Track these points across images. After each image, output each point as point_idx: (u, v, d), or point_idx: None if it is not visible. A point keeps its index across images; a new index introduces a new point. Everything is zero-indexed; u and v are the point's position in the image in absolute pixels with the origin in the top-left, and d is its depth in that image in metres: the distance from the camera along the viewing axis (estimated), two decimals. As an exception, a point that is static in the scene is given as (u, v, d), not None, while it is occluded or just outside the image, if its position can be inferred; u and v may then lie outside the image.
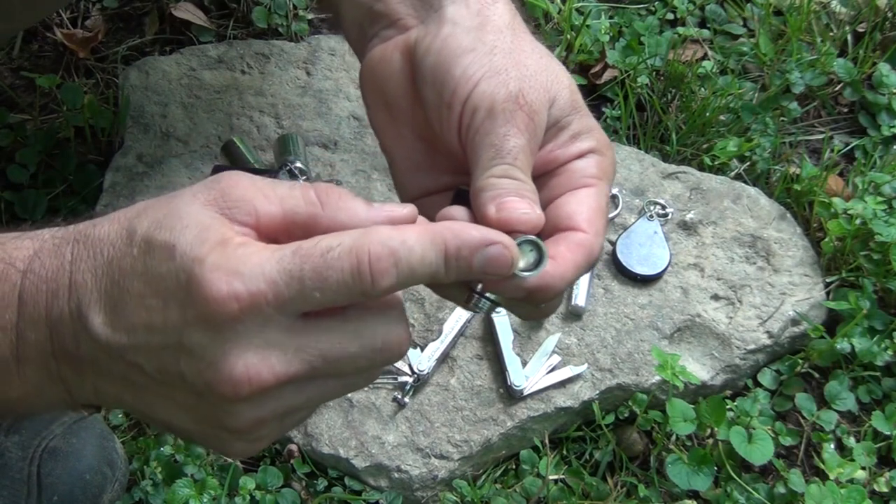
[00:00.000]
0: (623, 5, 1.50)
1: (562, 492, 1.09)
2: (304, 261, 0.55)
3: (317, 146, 1.27)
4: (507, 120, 0.65)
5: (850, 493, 1.07)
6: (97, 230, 0.59)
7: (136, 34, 1.41)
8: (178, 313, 0.56)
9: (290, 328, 0.56)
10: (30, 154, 1.26)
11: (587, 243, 0.65)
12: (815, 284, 1.22)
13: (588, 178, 0.68)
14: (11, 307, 0.60)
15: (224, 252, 0.55)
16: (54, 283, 0.59)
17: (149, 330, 0.57)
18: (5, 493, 0.95)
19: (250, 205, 0.58)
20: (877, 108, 1.42)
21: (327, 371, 0.57)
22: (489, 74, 0.66)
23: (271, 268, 0.55)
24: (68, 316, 0.59)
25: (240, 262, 0.55)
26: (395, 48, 0.72)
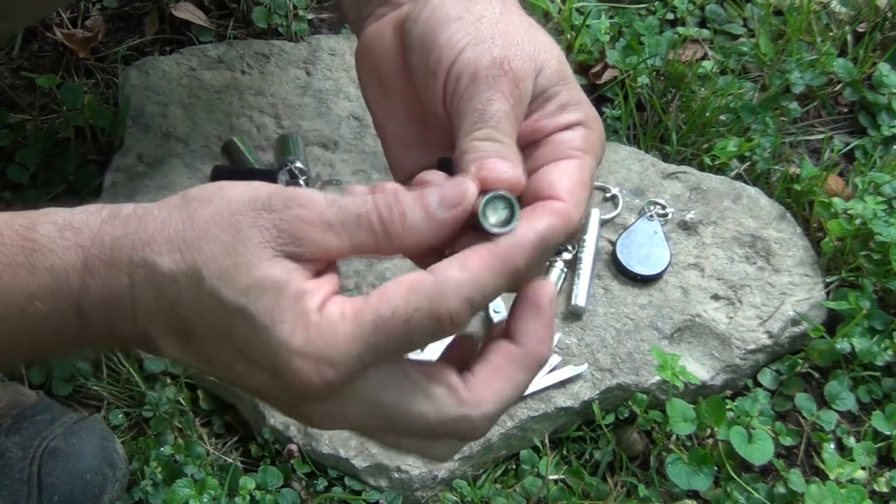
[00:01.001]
0: (623, 5, 1.50)
1: (562, 492, 1.09)
2: (388, 334, 0.55)
3: (317, 146, 1.27)
4: (491, 85, 0.64)
5: (850, 493, 1.07)
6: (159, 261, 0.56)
7: (136, 34, 1.41)
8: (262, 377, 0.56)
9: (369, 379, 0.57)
10: (30, 154, 1.26)
11: (565, 211, 0.63)
12: (815, 284, 1.22)
13: (573, 150, 0.66)
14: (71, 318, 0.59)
15: (308, 331, 0.55)
16: (115, 307, 0.58)
17: (229, 370, 0.57)
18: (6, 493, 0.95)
19: (320, 246, 0.57)
20: (877, 108, 1.42)
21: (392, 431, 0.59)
22: (474, 42, 0.65)
23: (357, 347, 0.55)
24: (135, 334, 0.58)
25: (326, 345, 0.55)
26: (388, 24, 0.72)
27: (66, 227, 0.59)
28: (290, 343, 0.55)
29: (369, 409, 0.57)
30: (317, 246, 0.57)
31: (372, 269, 1.17)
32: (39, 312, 0.58)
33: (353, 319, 0.56)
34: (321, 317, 0.56)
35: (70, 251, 0.58)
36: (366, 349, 0.55)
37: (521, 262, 0.58)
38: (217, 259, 0.56)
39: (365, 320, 0.56)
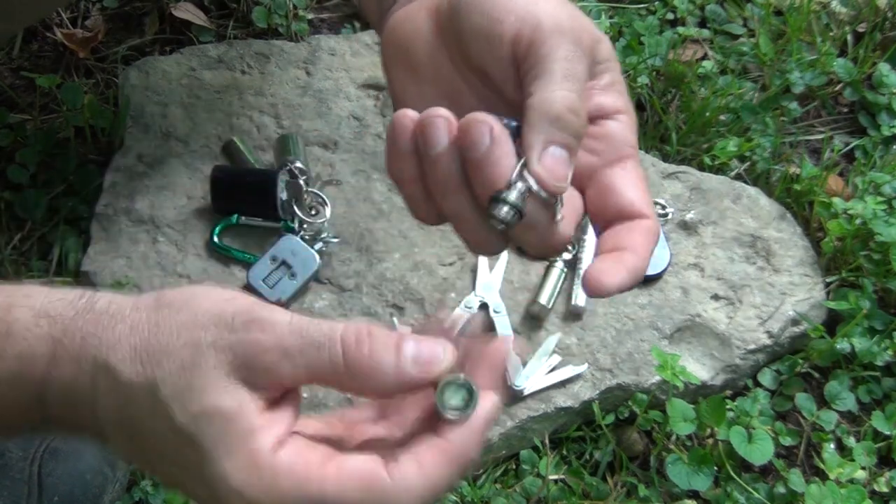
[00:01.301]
0: (623, 5, 1.50)
1: (562, 492, 1.09)
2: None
3: (317, 146, 1.27)
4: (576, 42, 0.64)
5: (850, 493, 1.08)
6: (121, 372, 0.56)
7: (136, 34, 1.41)
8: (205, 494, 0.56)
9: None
10: (30, 154, 1.25)
11: (655, 229, 0.67)
12: (815, 284, 1.22)
13: (628, 146, 0.68)
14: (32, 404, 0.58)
15: (249, 473, 0.54)
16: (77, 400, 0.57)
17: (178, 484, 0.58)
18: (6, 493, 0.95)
19: (275, 375, 0.56)
20: (877, 108, 1.42)
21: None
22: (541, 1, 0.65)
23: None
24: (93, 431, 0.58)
25: (264, 494, 0.54)
26: (420, 8, 0.72)
27: (41, 315, 0.58)
28: (230, 481, 0.54)
29: None
30: (269, 374, 0.55)
31: (372, 269, 1.17)
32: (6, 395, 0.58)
33: (297, 483, 0.54)
34: (270, 460, 0.54)
35: (41, 340, 0.58)
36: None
37: (474, 453, 0.57)
38: (173, 377, 0.55)
39: (309, 492, 0.54)
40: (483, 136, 0.62)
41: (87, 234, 1.20)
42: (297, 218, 1.17)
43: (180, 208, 1.20)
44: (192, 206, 1.21)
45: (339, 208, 1.21)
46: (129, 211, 1.20)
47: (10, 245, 1.21)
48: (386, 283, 1.16)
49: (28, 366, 0.57)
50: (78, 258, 1.19)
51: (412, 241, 1.19)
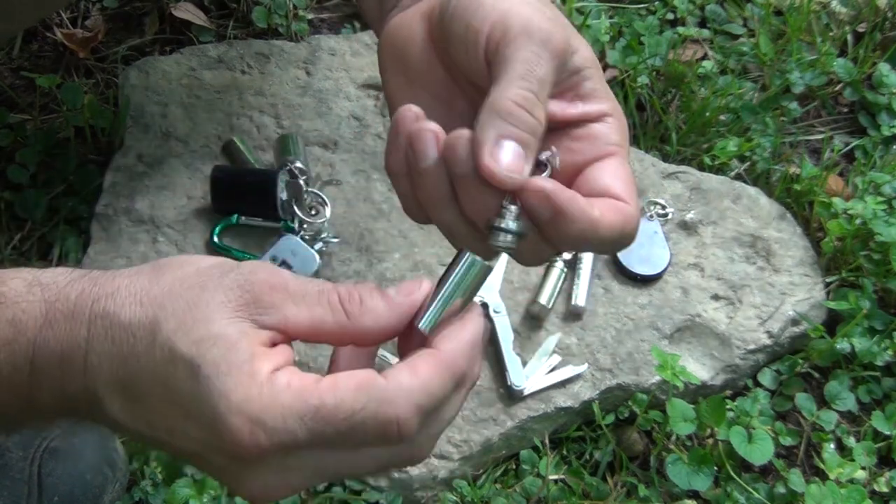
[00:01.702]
0: (623, 5, 1.50)
1: (562, 492, 1.09)
2: (326, 423, 0.55)
3: (317, 146, 1.27)
4: (542, 44, 0.65)
5: (850, 493, 1.08)
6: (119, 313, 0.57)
7: (136, 34, 1.41)
8: (200, 433, 0.56)
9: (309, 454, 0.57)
10: (30, 154, 1.25)
11: (628, 212, 0.65)
12: (815, 284, 1.22)
13: (611, 145, 0.68)
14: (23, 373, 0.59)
15: (249, 391, 0.55)
16: (68, 360, 0.58)
17: (169, 433, 0.57)
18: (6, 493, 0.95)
19: (280, 313, 0.58)
20: (877, 108, 1.42)
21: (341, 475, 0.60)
22: (521, 4, 0.66)
23: (294, 423, 0.55)
24: (83, 393, 0.58)
25: (263, 409, 0.54)
26: (416, 13, 0.73)
27: (34, 284, 0.60)
28: (230, 397, 0.54)
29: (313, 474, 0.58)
30: (277, 311, 0.57)
31: (372, 269, 1.17)
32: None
33: (296, 394, 0.55)
34: (267, 381, 0.55)
35: (34, 304, 0.59)
36: (300, 429, 0.55)
37: (464, 364, 0.58)
38: (177, 314, 0.56)
39: (308, 401, 0.55)
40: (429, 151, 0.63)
41: (87, 234, 1.20)
42: (297, 218, 1.17)
43: (180, 208, 1.20)
44: (192, 206, 1.21)
45: (339, 208, 1.21)
46: (129, 211, 1.20)
47: (10, 245, 1.21)
48: (386, 283, 1.16)
49: (21, 330, 0.58)
50: (78, 258, 1.19)
51: (412, 241, 1.19)
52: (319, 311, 0.58)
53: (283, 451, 0.55)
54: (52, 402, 0.60)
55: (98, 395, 0.58)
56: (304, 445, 0.55)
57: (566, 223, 0.62)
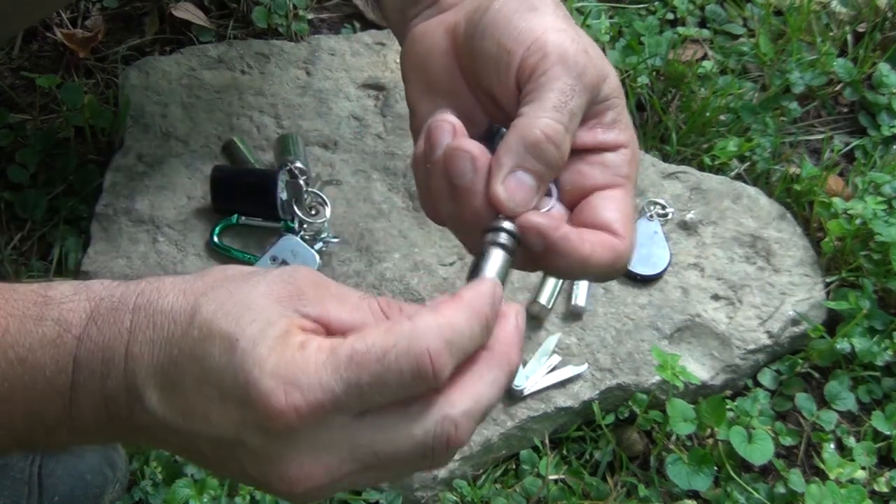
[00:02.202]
0: (623, 5, 1.50)
1: (562, 492, 1.09)
2: (361, 368, 0.55)
3: (317, 146, 1.27)
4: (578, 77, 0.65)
5: (850, 493, 1.08)
6: (162, 301, 0.58)
7: (136, 34, 1.41)
8: (235, 411, 0.56)
9: (345, 426, 0.56)
10: (30, 154, 1.26)
11: (621, 249, 0.66)
12: (815, 284, 1.22)
13: (620, 177, 0.69)
14: (66, 372, 0.59)
15: (283, 355, 0.55)
16: (110, 352, 0.58)
17: (205, 419, 0.57)
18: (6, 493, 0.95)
19: (323, 307, 0.58)
20: (877, 108, 1.42)
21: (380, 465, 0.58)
22: (555, 29, 0.67)
23: (328, 377, 0.54)
24: (123, 387, 0.58)
25: (298, 370, 0.55)
26: (439, 25, 0.73)
27: (80, 288, 0.61)
28: (264, 364, 0.54)
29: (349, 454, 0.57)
30: (319, 305, 0.58)
31: (372, 269, 1.17)
32: (37, 363, 0.59)
33: (328, 351, 0.55)
34: (299, 346, 0.56)
35: (80, 304, 0.60)
36: (336, 381, 0.54)
37: (488, 309, 0.58)
38: (218, 299, 0.57)
39: (340, 353, 0.55)
40: (466, 168, 0.65)
41: (87, 234, 1.20)
42: (297, 218, 1.17)
43: (180, 208, 1.20)
44: (192, 206, 1.21)
45: (339, 208, 1.21)
46: (129, 211, 1.20)
47: (10, 245, 1.21)
48: (386, 283, 1.16)
49: (66, 328, 0.59)
50: (78, 258, 1.19)
51: (412, 241, 1.19)
52: (361, 315, 0.59)
53: (320, 414, 0.55)
54: (90, 405, 0.59)
55: (137, 388, 0.58)
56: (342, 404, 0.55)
57: (557, 258, 0.65)
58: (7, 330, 0.59)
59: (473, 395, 0.58)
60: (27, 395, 0.59)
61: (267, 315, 0.56)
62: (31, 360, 0.59)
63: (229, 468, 0.59)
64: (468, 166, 0.65)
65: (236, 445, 0.57)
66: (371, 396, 0.55)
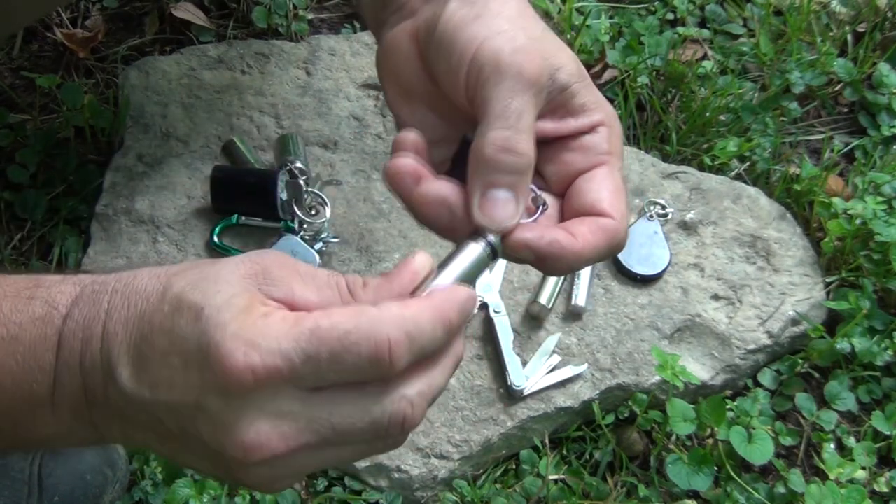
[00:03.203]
0: (623, 5, 1.50)
1: (562, 492, 1.09)
2: (321, 343, 0.56)
3: (317, 146, 1.27)
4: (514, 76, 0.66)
5: (850, 493, 1.08)
6: (137, 282, 0.61)
7: (136, 34, 1.41)
8: (196, 375, 0.57)
9: (302, 399, 0.57)
10: (30, 154, 1.26)
11: (612, 228, 0.67)
12: (815, 284, 1.22)
13: (602, 154, 0.69)
14: (51, 350, 0.61)
15: (246, 320, 0.56)
16: (89, 331, 0.60)
17: (169, 388, 0.58)
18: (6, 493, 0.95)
19: (288, 287, 0.59)
20: (877, 108, 1.42)
21: (337, 441, 0.59)
22: (493, 34, 0.67)
23: (288, 345, 0.56)
24: (99, 365, 0.60)
25: (259, 334, 0.56)
26: (404, 33, 0.73)
27: (68, 275, 0.64)
28: (226, 326, 0.56)
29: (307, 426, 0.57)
30: (284, 285, 0.59)
31: (372, 269, 1.17)
32: (28, 339, 0.61)
33: (292, 321, 0.57)
34: (263, 314, 0.57)
35: (68, 286, 0.63)
36: (295, 350, 0.56)
37: (455, 316, 0.60)
38: (188, 277, 0.59)
39: (303, 325, 0.56)
40: (441, 214, 0.66)
41: (87, 234, 1.20)
42: (297, 218, 1.17)
43: (180, 208, 1.20)
44: (192, 206, 1.21)
45: (339, 208, 1.21)
46: (129, 211, 1.20)
47: (10, 245, 1.21)
48: (386, 283, 1.16)
49: (54, 307, 0.62)
50: (78, 258, 1.19)
51: (412, 241, 1.19)
52: (328, 293, 0.60)
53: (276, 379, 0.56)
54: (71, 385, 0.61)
55: (111, 364, 0.59)
56: (298, 374, 0.56)
57: (552, 262, 0.66)
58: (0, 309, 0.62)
59: (426, 377, 0.60)
60: (17, 373, 0.61)
61: (232, 288, 0.58)
62: (21, 336, 0.61)
63: (190, 445, 0.60)
64: (443, 212, 0.66)
65: (196, 413, 0.58)
66: (326, 373, 0.56)
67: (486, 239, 0.65)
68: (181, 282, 0.59)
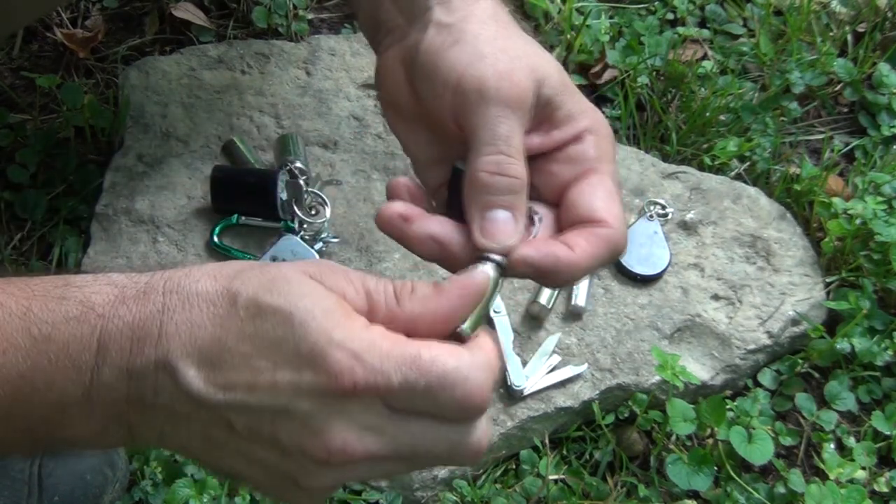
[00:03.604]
0: (623, 5, 1.50)
1: (562, 492, 1.09)
2: (420, 374, 0.57)
3: (317, 146, 1.27)
4: (498, 101, 0.67)
5: (850, 493, 1.08)
6: (195, 285, 0.60)
7: (136, 34, 1.41)
8: (290, 378, 0.57)
9: (390, 416, 0.58)
10: (30, 154, 1.25)
11: (610, 235, 0.67)
12: (815, 284, 1.22)
13: (590, 162, 0.69)
14: (90, 350, 0.60)
15: (350, 330, 0.57)
16: (141, 331, 0.59)
17: (250, 390, 0.58)
18: (6, 493, 0.95)
19: (341, 289, 0.60)
20: (877, 108, 1.42)
21: (409, 457, 0.60)
22: (475, 60, 0.68)
23: (391, 367, 0.57)
24: (153, 364, 0.59)
25: (365, 348, 0.57)
26: (395, 57, 0.74)
27: (100, 275, 0.63)
28: (331, 334, 0.57)
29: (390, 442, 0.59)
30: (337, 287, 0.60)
31: (372, 269, 1.17)
32: (61, 338, 0.60)
33: (394, 343, 0.58)
34: (365, 327, 0.58)
35: (104, 288, 0.61)
36: (396, 374, 0.57)
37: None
38: (252, 281, 0.59)
39: (406, 350, 0.58)
40: (433, 250, 0.68)
41: (87, 234, 1.20)
42: (297, 218, 1.17)
43: (180, 208, 1.20)
44: (192, 206, 1.21)
45: (339, 208, 1.21)
46: (129, 211, 1.20)
47: (10, 245, 1.21)
48: (386, 283, 1.16)
49: (90, 307, 0.60)
50: (78, 258, 1.19)
51: (412, 241, 1.19)
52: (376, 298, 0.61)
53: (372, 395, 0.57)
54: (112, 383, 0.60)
55: (171, 365, 0.58)
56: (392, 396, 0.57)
57: (552, 276, 0.67)
58: (29, 309, 0.60)
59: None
60: (49, 372, 0.60)
61: (312, 289, 0.58)
62: (54, 336, 0.60)
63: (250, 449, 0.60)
64: (434, 248, 0.68)
65: (278, 417, 0.58)
66: (418, 402, 0.58)
67: (493, 261, 0.66)
68: (249, 286, 0.58)
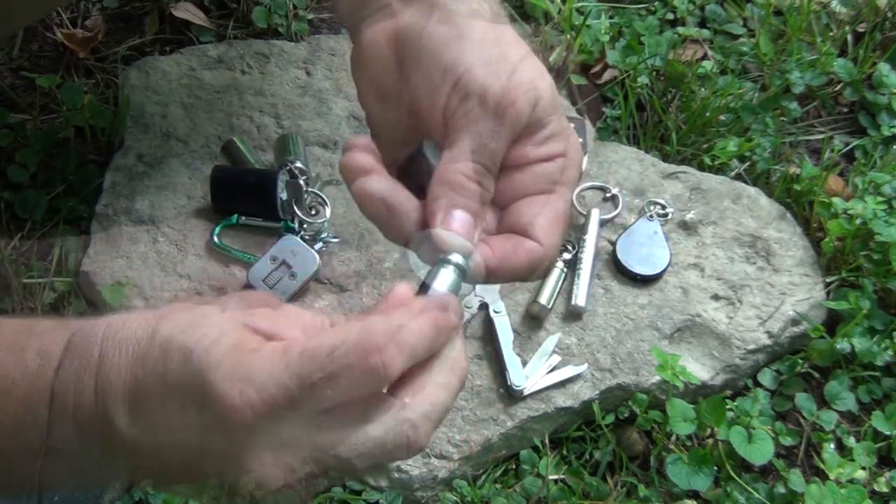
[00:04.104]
0: (623, 5, 1.50)
1: (562, 492, 1.09)
2: (311, 363, 0.56)
3: (317, 146, 1.27)
4: (498, 116, 0.67)
5: (850, 493, 1.08)
6: (126, 327, 0.60)
7: (136, 34, 1.41)
8: (195, 418, 0.57)
9: (304, 426, 0.58)
10: (30, 154, 1.26)
11: (536, 253, 0.68)
12: (815, 284, 1.22)
13: (551, 183, 0.70)
14: (44, 403, 0.60)
15: (235, 357, 0.57)
16: (81, 384, 0.60)
17: (168, 431, 0.58)
18: (6, 493, 0.95)
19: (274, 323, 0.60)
20: (877, 108, 1.42)
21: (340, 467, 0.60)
22: (480, 64, 0.68)
23: (280, 373, 0.56)
24: (94, 416, 0.59)
25: (251, 369, 0.56)
26: (383, 34, 0.74)
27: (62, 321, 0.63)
28: (218, 368, 0.56)
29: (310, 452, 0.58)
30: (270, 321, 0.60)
31: (372, 269, 1.17)
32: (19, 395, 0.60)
33: (281, 351, 0.57)
34: (252, 350, 0.57)
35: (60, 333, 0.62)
36: (289, 376, 0.56)
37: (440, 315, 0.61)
38: (176, 319, 0.59)
39: (292, 350, 0.57)
40: (380, 212, 0.68)
41: (87, 234, 1.20)
42: (297, 218, 1.17)
43: (180, 208, 1.20)
44: (192, 206, 1.21)
45: (339, 208, 1.21)
46: (129, 211, 1.20)
47: (11, 245, 1.21)
48: (386, 284, 1.16)
49: (47, 360, 0.61)
50: (78, 258, 1.19)
51: (412, 241, 1.19)
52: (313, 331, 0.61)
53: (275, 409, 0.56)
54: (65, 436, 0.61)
55: (108, 414, 0.59)
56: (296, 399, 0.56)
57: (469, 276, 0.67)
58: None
59: (430, 397, 0.60)
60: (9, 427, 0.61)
61: (220, 328, 0.58)
62: (13, 392, 0.60)
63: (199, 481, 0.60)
64: (382, 210, 0.67)
65: (198, 454, 0.58)
66: (323, 392, 0.56)
67: (452, 262, 0.66)
68: (169, 325, 0.59)
